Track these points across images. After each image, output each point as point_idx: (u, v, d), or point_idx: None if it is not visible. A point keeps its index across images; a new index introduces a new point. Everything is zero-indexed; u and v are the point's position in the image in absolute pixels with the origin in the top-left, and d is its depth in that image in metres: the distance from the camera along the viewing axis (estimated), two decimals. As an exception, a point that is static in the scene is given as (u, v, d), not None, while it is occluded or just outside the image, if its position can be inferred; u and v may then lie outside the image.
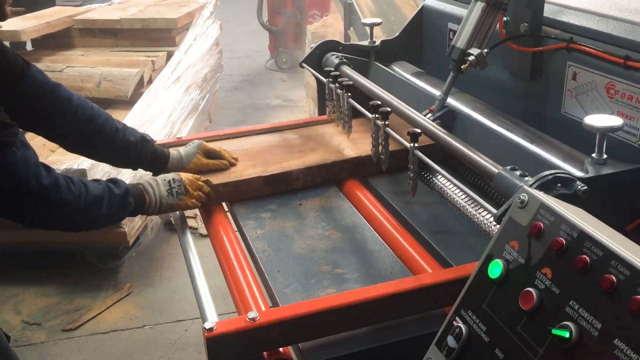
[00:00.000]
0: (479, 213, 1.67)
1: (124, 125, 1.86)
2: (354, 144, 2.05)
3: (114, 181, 1.64)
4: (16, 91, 1.62)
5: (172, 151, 1.92)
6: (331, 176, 1.96)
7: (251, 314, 1.24)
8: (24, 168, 1.41)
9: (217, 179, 1.85)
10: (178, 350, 3.03)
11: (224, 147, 2.01)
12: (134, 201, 1.65)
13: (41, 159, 1.48)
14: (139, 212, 1.69)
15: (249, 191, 1.88)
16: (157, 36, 4.78)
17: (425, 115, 1.88)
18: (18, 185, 1.41)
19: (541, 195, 0.99)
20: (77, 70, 4.30)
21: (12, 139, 1.38)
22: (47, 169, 1.48)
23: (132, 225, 3.50)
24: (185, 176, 1.77)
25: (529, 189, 1.02)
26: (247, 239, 1.72)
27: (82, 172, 3.14)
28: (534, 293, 0.92)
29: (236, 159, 1.95)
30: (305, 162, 1.94)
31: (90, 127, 1.76)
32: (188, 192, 1.74)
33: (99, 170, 3.25)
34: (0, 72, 1.58)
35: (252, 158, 1.99)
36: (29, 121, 1.68)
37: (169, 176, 1.75)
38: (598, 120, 1.34)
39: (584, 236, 0.89)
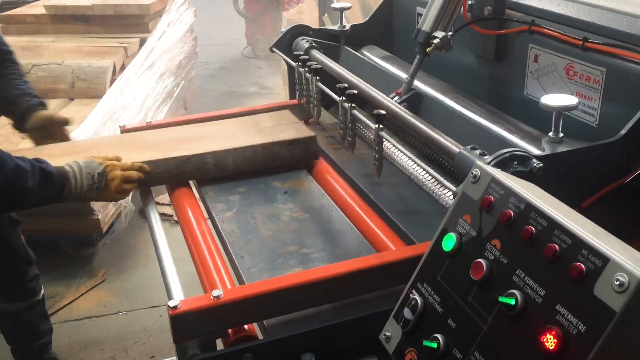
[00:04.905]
0: (442, 192, 1.71)
1: None
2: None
3: (40, 160, 1.65)
4: None
5: None
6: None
7: (215, 292, 1.25)
8: None
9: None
10: (153, 336, 3.04)
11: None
12: (57, 183, 1.65)
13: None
14: (59, 196, 1.68)
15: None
16: (130, 22, 4.73)
17: (392, 98, 1.90)
18: None
19: (492, 170, 1.02)
20: (45, 69, 4.16)
21: None
22: None
23: (105, 212, 3.48)
24: (113, 174, 1.72)
25: (481, 165, 1.04)
26: (216, 222, 1.74)
27: None
28: (483, 264, 0.94)
29: None
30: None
31: None
32: (109, 189, 1.72)
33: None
34: None
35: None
36: None
37: (95, 168, 1.71)
38: (554, 99, 1.38)
39: (530, 208, 0.92)
